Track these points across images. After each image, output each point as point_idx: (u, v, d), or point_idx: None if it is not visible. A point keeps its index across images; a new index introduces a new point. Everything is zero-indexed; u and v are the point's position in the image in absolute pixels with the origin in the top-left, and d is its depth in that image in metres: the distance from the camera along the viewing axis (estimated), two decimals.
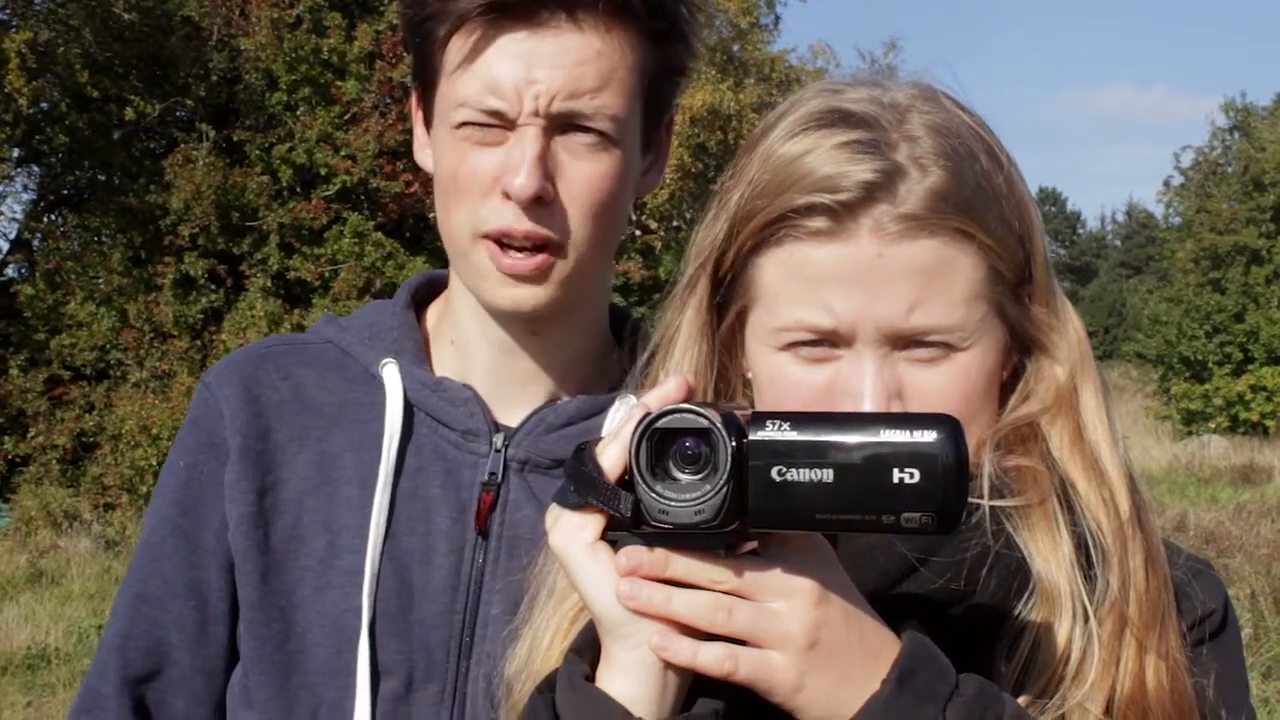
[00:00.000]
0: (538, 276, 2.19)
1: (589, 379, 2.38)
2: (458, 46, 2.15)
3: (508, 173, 2.13)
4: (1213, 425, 38.57)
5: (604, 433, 2.26)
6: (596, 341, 2.40)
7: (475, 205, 2.18)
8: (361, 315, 2.46)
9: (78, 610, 16.16)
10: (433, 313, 2.45)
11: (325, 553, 2.26)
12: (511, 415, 2.33)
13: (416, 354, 2.36)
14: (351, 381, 2.35)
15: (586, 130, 2.16)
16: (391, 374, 2.32)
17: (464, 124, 2.17)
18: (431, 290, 2.48)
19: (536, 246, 2.17)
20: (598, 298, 2.39)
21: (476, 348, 2.33)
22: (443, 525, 2.27)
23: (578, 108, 2.13)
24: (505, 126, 2.15)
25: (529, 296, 2.20)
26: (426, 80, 2.26)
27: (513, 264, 2.17)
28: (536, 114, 2.12)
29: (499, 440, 2.30)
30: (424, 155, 2.35)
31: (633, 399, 2.22)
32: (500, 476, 2.28)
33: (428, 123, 2.30)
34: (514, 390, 2.34)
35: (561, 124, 2.14)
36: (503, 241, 2.17)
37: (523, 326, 2.29)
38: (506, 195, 2.14)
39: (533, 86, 2.11)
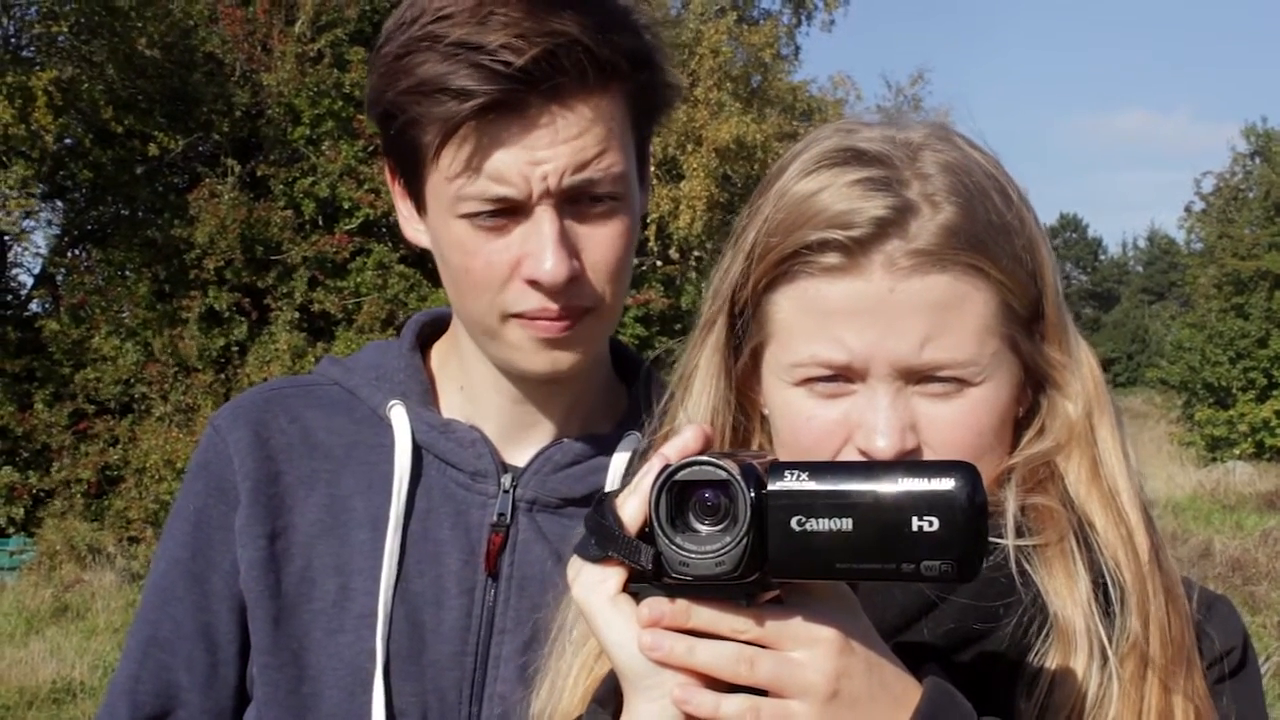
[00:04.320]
0: (572, 340, 2.19)
1: (592, 415, 2.39)
2: (452, 154, 2.09)
3: (527, 259, 2.12)
4: (1237, 451, 38.37)
5: (611, 473, 2.29)
6: (600, 379, 2.41)
7: (495, 294, 2.16)
8: (366, 356, 2.46)
9: (103, 644, 16.19)
10: (437, 353, 2.45)
11: (337, 595, 2.27)
12: (518, 455, 2.34)
13: (423, 396, 2.36)
14: (359, 423, 2.36)
15: (597, 198, 2.14)
16: (399, 416, 2.32)
17: (469, 215, 2.13)
18: (435, 329, 2.48)
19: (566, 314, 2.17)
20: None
21: (489, 398, 2.34)
22: (453, 567, 2.27)
23: (586, 177, 2.10)
24: (514, 211, 2.12)
25: (565, 359, 2.21)
26: (408, 168, 2.21)
27: (549, 326, 2.16)
28: (548, 194, 2.09)
29: (507, 481, 2.30)
30: (415, 233, 2.31)
31: (637, 435, 2.25)
32: (509, 517, 2.29)
33: (418, 206, 2.24)
34: (521, 432, 2.35)
35: (572, 196, 2.12)
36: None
37: (546, 381, 2.28)
38: (530, 282, 2.13)
39: (538, 168, 2.07)
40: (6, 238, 25.19)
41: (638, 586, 1.59)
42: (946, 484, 1.47)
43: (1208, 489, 30.05)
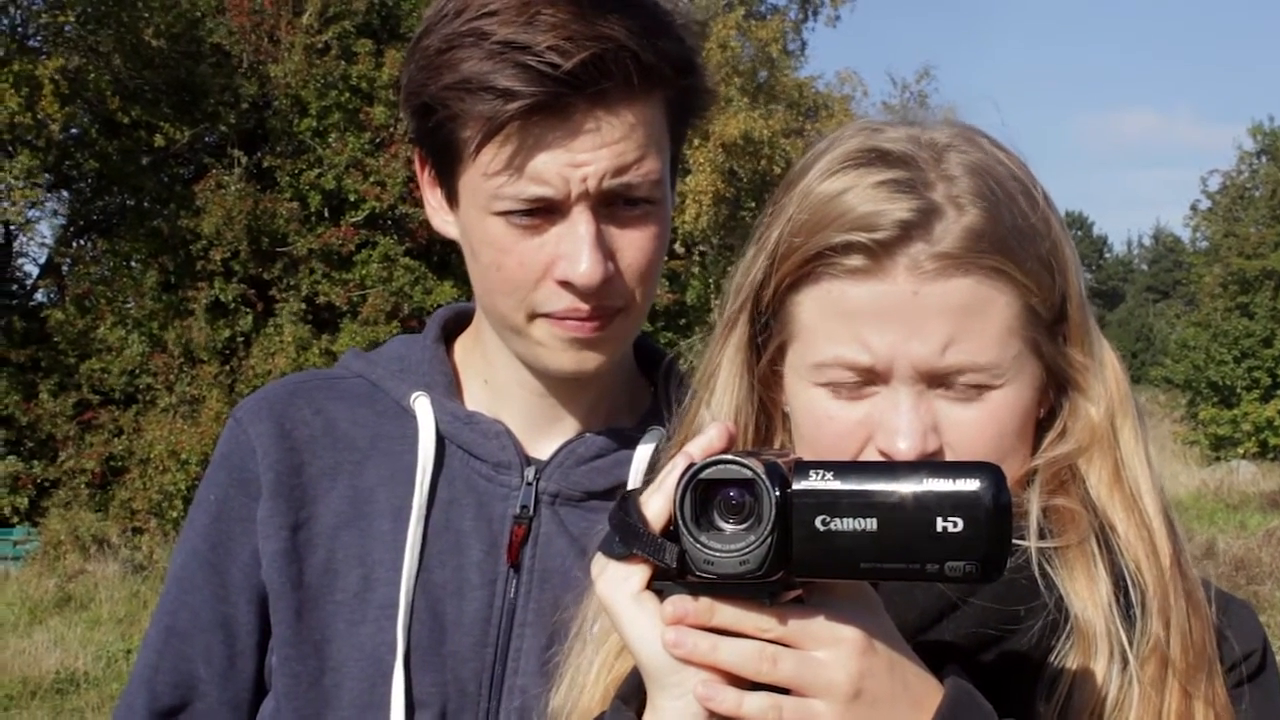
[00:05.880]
0: (600, 340, 2.18)
1: (616, 409, 2.38)
2: (492, 153, 2.07)
3: (562, 260, 2.10)
4: (1241, 450, 38.34)
5: (634, 467, 2.28)
6: (623, 373, 2.41)
7: (526, 293, 2.15)
8: (390, 349, 2.46)
9: (106, 634, 16.23)
10: (461, 347, 2.45)
11: (359, 586, 2.26)
12: (541, 449, 2.34)
13: (447, 388, 2.36)
14: (382, 415, 2.35)
15: (633, 201, 2.13)
16: (423, 406, 2.32)
17: (504, 213, 2.12)
18: (459, 323, 2.47)
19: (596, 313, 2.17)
20: None
21: (512, 392, 2.34)
22: (475, 558, 2.27)
23: (624, 181, 2.09)
24: (550, 210, 2.10)
25: (592, 359, 2.20)
26: (442, 161, 2.19)
27: (578, 326, 2.16)
28: (585, 195, 2.08)
29: (530, 473, 2.30)
30: (443, 223, 2.29)
31: (661, 430, 2.25)
32: (532, 510, 2.29)
33: (450, 199, 2.23)
34: (545, 426, 2.35)
35: (608, 199, 2.10)
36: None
37: (571, 379, 2.28)
38: (562, 283, 2.11)
39: (578, 170, 2.06)
40: (12, 227, 25.21)
41: (661, 584, 1.59)
42: (971, 485, 1.47)
43: (1211, 488, 30.04)
